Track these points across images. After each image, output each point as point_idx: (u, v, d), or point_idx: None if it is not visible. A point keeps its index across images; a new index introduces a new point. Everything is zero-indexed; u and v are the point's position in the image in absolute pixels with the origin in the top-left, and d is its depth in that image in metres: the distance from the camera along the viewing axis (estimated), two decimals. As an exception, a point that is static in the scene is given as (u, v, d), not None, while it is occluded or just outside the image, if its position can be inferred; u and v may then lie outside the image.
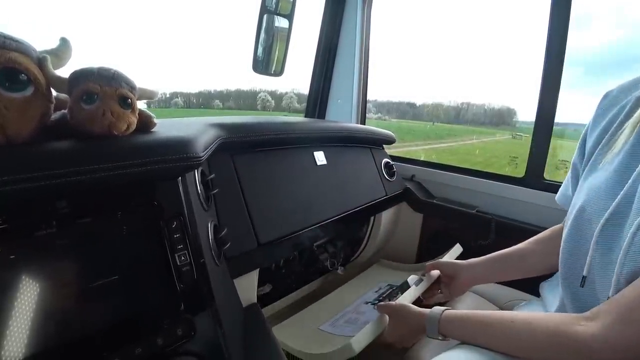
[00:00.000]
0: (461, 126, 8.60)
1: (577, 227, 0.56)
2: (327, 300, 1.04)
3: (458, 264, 0.82)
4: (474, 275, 0.79)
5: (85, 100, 0.45)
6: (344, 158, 1.05)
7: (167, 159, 0.46)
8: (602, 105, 0.60)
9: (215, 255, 0.58)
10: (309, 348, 0.75)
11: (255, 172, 0.79)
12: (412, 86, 8.88)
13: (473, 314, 0.59)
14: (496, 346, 0.54)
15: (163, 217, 0.47)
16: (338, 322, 0.89)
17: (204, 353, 0.47)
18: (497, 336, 0.54)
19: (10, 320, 0.35)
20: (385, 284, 1.04)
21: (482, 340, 0.56)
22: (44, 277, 0.38)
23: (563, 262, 0.60)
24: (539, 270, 0.75)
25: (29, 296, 0.37)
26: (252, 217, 0.73)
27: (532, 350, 0.51)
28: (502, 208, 1.11)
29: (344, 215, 0.96)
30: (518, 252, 0.76)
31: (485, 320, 0.57)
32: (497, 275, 0.80)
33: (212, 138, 0.63)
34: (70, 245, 0.40)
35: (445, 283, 0.85)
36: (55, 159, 0.39)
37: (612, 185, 0.50)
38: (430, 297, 0.85)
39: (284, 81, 1.53)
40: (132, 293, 0.44)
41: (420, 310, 0.67)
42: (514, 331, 0.52)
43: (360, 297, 1.01)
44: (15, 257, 0.37)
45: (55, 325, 0.38)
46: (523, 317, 0.54)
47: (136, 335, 0.43)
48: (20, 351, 0.36)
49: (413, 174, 1.35)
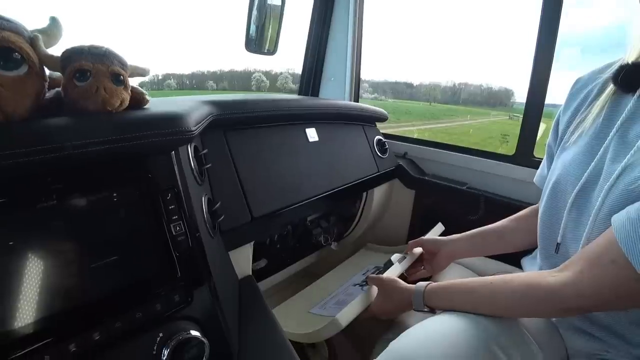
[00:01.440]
0: (458, 106, 8.57)
1: (553, 199, 0.60)
2: (317, 284, 1.08)
3: (439, 240, 0.86)
4: (454, 250, 0.83)
5: (78, 77, 0.46)
6: (336, 135, 1.06)
7: (159, 132, 0.47)
8: (573, 90, 0.65)
9: (209, 227, 0.60)
10: (301, 330, 0.79)
11: (248, 148, 0.80)
12: (409, 66, 8.78)
13: (455, 283, 0.63)
14: (479, 309, 0.58)
15: (158, 189, 0.48)
16: (328, 304, 0.92)
17: (201, 318, 0.50)
18: (479, 299, 0.58)
19: (12, 290, 0.37)
20: (372, 267, 1.08)
21: (466, 305, 0.60)
22: (43, 249, 0.40)
23: (540, 234, 0.64)
24: (517, 246, 0.79)
25: (29, 268, 0.38)
26: (245, 192, 0.75)
27: (511, 307, 0.55)
28: (491, 185, 1.13)
29: (336, 191, 0.98)
30: (497, 229, 0.80)
31: (467, 286, 0.60)
32: (476, 250, 0.84)
33: (204, 114, 0.64)
34: (68, 217, 0.42)
35: (427, 259, 0.89)
36: (51, 134, 0.40)
37: (584, 159, 0.55)
38: (413, 273, 0.89)
39: (278, 61, 1.52)
40: (130, 262, 0.46)
41: (407, 286, 0.71)
42: (493, 292, 0.56)
43: (349, 279, 1.04)
44: (14, 230, 0.38)
45: (57, 295, 0.40)
46: (500, 278, 0.57)
47: (135, 302, 0.45)
48: (24, 319, 0.37)
49: (405, 152, 1.36)
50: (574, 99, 0.63)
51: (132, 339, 0.44)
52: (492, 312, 0.57)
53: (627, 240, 0.41)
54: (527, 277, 0.54)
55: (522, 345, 0.57)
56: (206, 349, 0.48)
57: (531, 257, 0.74)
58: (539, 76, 1.01)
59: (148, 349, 0.45)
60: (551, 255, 0.61)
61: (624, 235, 0.42)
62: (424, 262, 0.90)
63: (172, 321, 0.47)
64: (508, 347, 0.54)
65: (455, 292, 0.62)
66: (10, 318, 0.37)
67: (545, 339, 0.60)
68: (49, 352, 0.38)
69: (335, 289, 1.00)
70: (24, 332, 0.38)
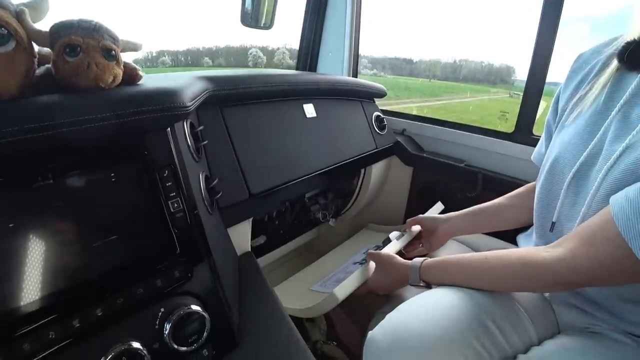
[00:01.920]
0: (458, 83, 8.47)
1: (550, 178, 0.59)
2: (318, 263, 1.10)
3: (437, 217, 0.87)
4: (451, 228, 0.84)
5: (68, 53, 0.45)
6: (334, 111, 1.05)
7: (154, 109, 0.46)
8: (574, 67, 0.63)
9: (207, 204, 0.60)
10: (301, 305, 0.81)
11: (245, 124, 0.79)
12: (409, 42, 8.61)
13: (450, 258, 0.64)
14: (474, 284, 0.59)
15: (154, 166, 0.48)
16: (328, 282, 0.94)
17: (202, 294, 0.51)
18: (473, 274, 0.59)
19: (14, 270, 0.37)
20: (372, 246, 1.09)
21: (461, 280, 0.61)
22: (42, 228, 0.40)
23: (537, 212, 0.64)
24: (513, 223, 0.80)
25: (30, 247, 0.38)
26: (242, 169, 0.75)
27: (505, 282, 0.56)
28: (490, 162, 1.13)
29: (334, 168, 0.97)
30: (493, 206, 0.81)
31: (461, 262, 0.62)
32: (473, 227, 0.85)
33: (199, 90, 0.62)
34: (65, 196, 0.41)
35: (425, 237, 0.90)
36: (45, 112, 0.39)
37: (583, 138, 0.54)
38: (411, 250, 0.90)
39: (275, 36, 1.49)
40: (130, 239, 0.46)
41: (403, 261, 0.72)
42: (488, 267, 0.57)
43: (350, 259, 1.06)
44: (11, 210, 0.38)
45: (59, 273, 0.40)
46: (495, 253, 0.58)
47: (136, 278, 0.46)
48: (29, 297, 0.38)
49: (404, 128, 1.35)
50: (575, 76, 0.61)
51: (134, 315, 0.45)
52: (487, 286, 0.58)
53: (624, 221, 0.41)
54: (522, 253, 0.54)
55: (514, 318, 0.58)
56: (207, 323, 0.49)
57: (527, 234, 0.74)
58: (541, 53, 0.99)
59: (150, 324, 0.46)
60: (546, 234, 0.61)
61: (622, 216, 0.41)
62: (422, 240, 0.91)
63: (173, 297, 0.48)
64: (500, 319, 0.56)
65: (451, 267, 0.63)
66: (15, 296, 0.37)
67: (537, 312, 0.62)
68: (53, 328, 0.39)
69: (335, 268, 1.02)
70: (29, 310, 0.38)
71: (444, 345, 0.51)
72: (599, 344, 0.53)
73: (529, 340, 0.59)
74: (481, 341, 0.53)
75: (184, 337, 0.47)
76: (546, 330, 0.61)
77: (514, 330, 0.57)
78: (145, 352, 0.43)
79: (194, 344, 0.48)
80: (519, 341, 0.57)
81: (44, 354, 0.39)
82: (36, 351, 0.38)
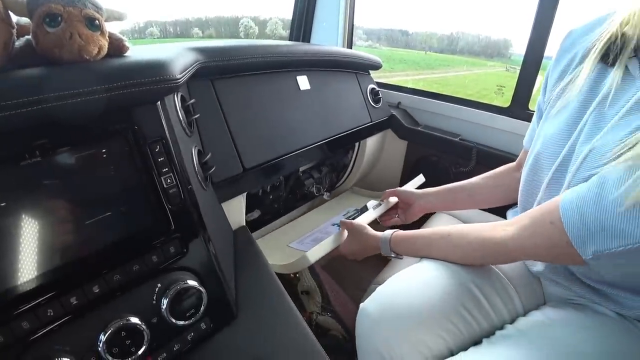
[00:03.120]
0: (454, 56, 8.33)
1: (533, 173, 0.60)
2: (299, 221, 1.14)
3: (414, 192, 0.90)
4: (426, 204, 0.88)
5: (49, 23, 0.42)
6: (329, 83, 1.03)
7: (143, 82, 0.44)
8: (564, 45, 0.60)
9: (201, 179, 0.59)
10: (277, 261, 0.83)
11: (237, 97, 0.77)
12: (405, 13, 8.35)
13: (418, 233, 0.68)
14: (440, 256, 0.63)
15: (145, 141, 0.46)
16: (305, 240, 0.98)
17: (198, 269, 0.51)
18: (438, 249, 0.64)
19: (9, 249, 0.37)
20: (352, 209, 1.12)
21: (426, 253, 0.65)
22: (34, 207, 0.39)
23: (521, 196, 0.65)
24: (484, 204, 0.84)
25: (22, 226, 0.38)
26: (236, 143, 0.74)
27: (466, 256, 0.61)
28: (484, 136, 1.13)
29: (328, 141, 0.97)
30: (469, 185, 0.83)
31: (427, 237, 0.66)
32: (447, 206, 0.90)
33: (190, 61, 0.60)
34: (56, 174, 0.40)
35: (402, 208, 0.94)
36: (28, 86, 0.37)
37: (562, 136, 0.53)
38: (387, 219, 0.95)
39: (268, 4, 1.43)
40: (124, 216, 0.45)
41: (374, 233, 0.77)
42: (451, 243, 0.62)
43: (329, 219, 1.09)
44: (1, 188, 0.37)
45: (54, 252, 0.40)
46: (458, 230, 0.61)
47: (132, 255, 0.46)
48: (25, 277, 0.38)
49: (399, 101, 1.33)
50: (564, 56, 0.58)
51: (131, 291, 0.45)
52: (450, 259, 0.62)
53: (567, 208, 0.43)
54: (482, 231, 0.57)
55: (499, 286, 0.62)
56: (204, 297, 0.49)
57: (515, 210, 0.76)
58: (540, 24, 0.97)
59: (148, 299, 0.46)
60: None
61: (566, 202, 0.44)
62: (398, 211, 0.95)
63: (169, 272, 0.49)
64: (484, 287, 0.60)
65: (418, 241, 0.67)
66: (11, 276, 0.37)
67: (523, 283, 0.64)
68: (51, 306, 0.39)
69: (315, 227, 1.06)
70: (26, 289, 0.38)
71: (431, 313, 0.54)
72: (582, 315, 0.55)
73: (514, 309, 0.61)
74: (467, 307, 0.57)
75: (181, 311, 0.48)
76: (532, 301, 0.64)
77: (499, 298, 0.60)
78: (144, 326, 0.44)
79: (191, 318, 0.49)
80: (504, 309, 0.60)
81: (43, 331, 0.39)
82: (35, 329, 0.38)
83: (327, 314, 0.98)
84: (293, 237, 1.02)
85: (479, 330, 0.57)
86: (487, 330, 0.58)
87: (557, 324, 0.54)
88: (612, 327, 0.52)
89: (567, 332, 0.52)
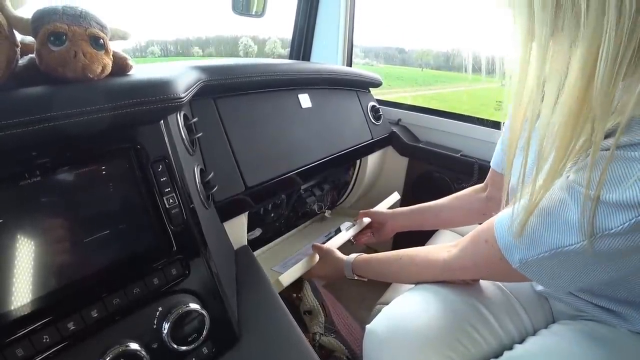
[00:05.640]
0: (451, 73, 8.45)
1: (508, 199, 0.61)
2: (283, 244, 1.14)
3: (385, 213, 0.97)
4: (397, 223, 0.93)
5: (53, 41, 0.42)
6: (330, 101, 1.03)
7: (147, 100, 0.44)
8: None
9: (203, 199, 0.58)
10: None
11: (239, 115, 0.77)
12: (401, 31, 8.52)
13: (374, 257, 0.74)
14: (393, 279, 0.69)
15: (148, 160, 0.46)
16: (289, 262, 0.98)
17: (200, 291, 0.50)
18: (390, 272, 0.69)
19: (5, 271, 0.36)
20: (334, 230, 1.13)
21: (382, 275, 0.72)
22: (33, 227, 0.38)
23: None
24: (452, 223, 0.89)
25: (20, 247, 0.37)
26: (238, 161, 0.73)
27: (416, 277, 0.65)
28: (485, 152, 1.13)
29: (330, 159, 0.96)
30: (436, 206, 0.87)
31: (382, 260, 0.71)
32: (417, 224, 0.93)
33: (193, 80, 0.60)
34: (56, 194, 0.40)
35: (375, 228, 1.00)
36: (31, 105, 0.37)
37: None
38: (361, 238, 1.01)
39: (266, 25, 1.45)
40: (125, 237, 0.44)
41: (341, 256, 0.83)
42: (402, 266, 0.67)
43: (312, 241, 1.08)
44: (2, 207, 0.36)
45: (52, 274, 0.39)
46: (408, 253, 0.67)
47: (132, 277, 0.44)
48: (21, 300, 0.37)
49: (399, 118, 1.34)
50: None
51: (131, 315, 0.44)
52: (404, 281, 0.67)
53: (500, 224, 0.46)
54: (428, 254, 0.62)
55: (508, 306, 0.61)
56: (206, 320, 0.48)
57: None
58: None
59: (148, 324, 0.45)
60: None
61: (499, 219, 0.47)
62: (373, 230, 1.01)
63: (171, 295, 0.47)
64: (492, 305, 0.60)
65: (375, 264, 0.73)
66: (7, 299, 0.36)
67: (530, 300, 0.64)
68: (47, 332, 0.38)
69: (298, 249, 1.07)
70: (22, 313, 0.37)
71: (440, 333, 0.54)
72: (592, 333, 0.54)
73: (524, 328, 0.60)
74: (475, 326, 0.56)
75: (183, 336, 0.46)
76: (541, 319, 0.63)
77: (508, 316, 0.60)
78: (144, 352, 0.42)
79: (193, 343, 0.47)
80: (513, 328, 0.59)
81: (38, 358, 0.37)
82: (30, 356, 0.37)
83: (331, 334, 0.95)
84: (276, 261, 1.03)
85: (487, 349, 0.56)
86: (495, 349, 0.57)
87: (566, 343, 0.53)
88: (624, 344, 0.51)
89: (577, 351, 0.51)
